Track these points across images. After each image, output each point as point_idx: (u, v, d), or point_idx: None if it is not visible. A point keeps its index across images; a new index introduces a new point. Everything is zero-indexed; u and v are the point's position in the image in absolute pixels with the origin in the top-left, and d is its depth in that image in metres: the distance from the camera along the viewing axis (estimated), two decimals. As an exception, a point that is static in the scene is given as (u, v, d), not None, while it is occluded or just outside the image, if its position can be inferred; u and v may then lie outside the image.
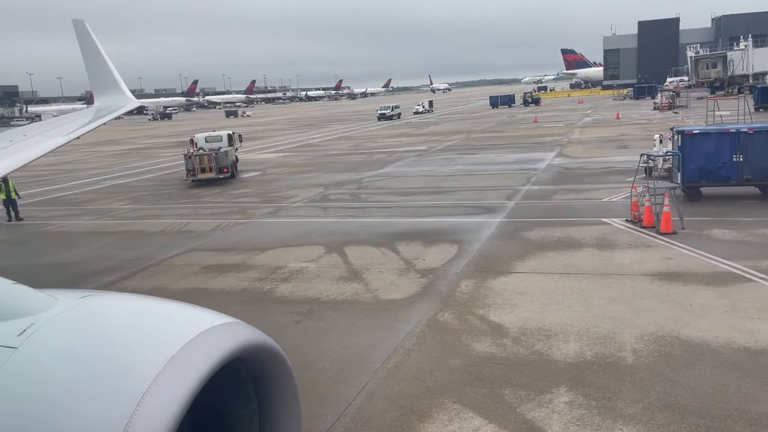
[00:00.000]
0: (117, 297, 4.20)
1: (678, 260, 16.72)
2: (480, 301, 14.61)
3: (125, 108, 19.28)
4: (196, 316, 3.73)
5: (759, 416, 9.04)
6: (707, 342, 11.61)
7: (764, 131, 22.77)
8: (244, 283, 17.18)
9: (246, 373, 3.87)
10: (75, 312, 3.66)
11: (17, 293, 3.84)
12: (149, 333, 3.47)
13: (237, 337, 3.52)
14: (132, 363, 3.16)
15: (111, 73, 19.74)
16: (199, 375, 3.15)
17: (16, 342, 3.34)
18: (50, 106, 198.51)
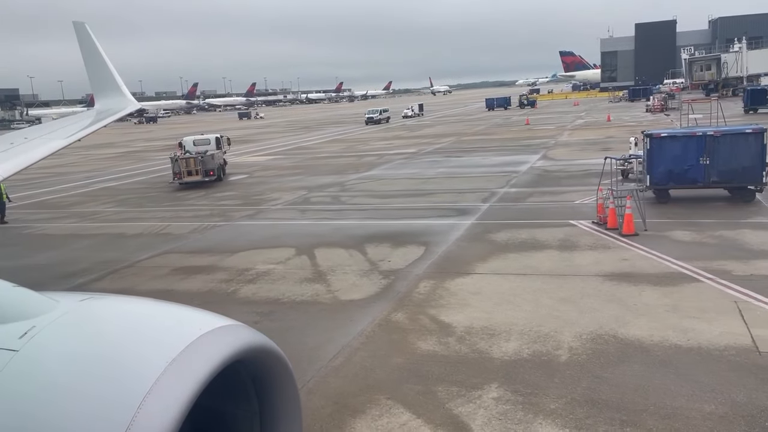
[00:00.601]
0: (118, 299, 4.23)
1: (633, 261, 17.09)
2: (434, 302, 14.99)
3: (126, 110, 19.49)
4: (197, 318, 3.75)
5: (674, 411, 9.41)
6: (641, 340, 11.99)
7: (730, 134, 23.14)
8: (210, 284, 17.58)
9: (246, 375, 3.89)
10: (76, 314, 3.68)
11: (18, 296, 3.85)
12: (150, 335, 3.49)
13: (238, 340, 3.54)
14: (133, 365, 3.18)
15: (112, 75, 19.91)
16: (200, 377, 3.16)
17: (17, 345, 3.34)
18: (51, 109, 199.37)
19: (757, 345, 11.40)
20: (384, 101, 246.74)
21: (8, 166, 12.08)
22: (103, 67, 19.79)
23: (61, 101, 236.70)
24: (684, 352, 11.37)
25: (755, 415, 9.13)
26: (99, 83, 19.76)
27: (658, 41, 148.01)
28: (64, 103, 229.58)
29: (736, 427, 8.89)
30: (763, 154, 22.63)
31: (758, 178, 22.70)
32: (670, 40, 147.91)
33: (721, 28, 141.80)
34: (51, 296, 3.83)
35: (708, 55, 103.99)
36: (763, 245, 17.70)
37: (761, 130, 22.77)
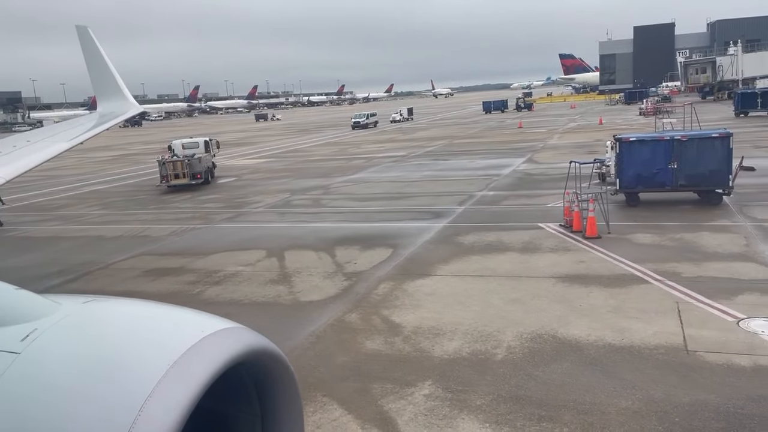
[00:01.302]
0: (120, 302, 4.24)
1: (589, 263, 17.48)
2: (389, 302, 15.40)
3: (128, 113, 19.69)
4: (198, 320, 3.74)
5: (591, 406, 9.81)
6: (578, 339, 12.39)
7: (697, 139, 23.51)
8: (177, 286, 18.01)
9: (248, 378, 3.90)
10: (78, 317, 3.69)
11: (20, 298, 3.86)
12: (152, 338, 3.50)
13: (239, 342, 3.55)
14: (135, 368, 3.19)
15: (114, 78, 20.10)
16: (202, 379, 3.17)
17: (19, 347, 3.36)
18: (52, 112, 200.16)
19: (687, 344, 11.79)
20: (386, 104, 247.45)
21: (11, 169, 12.19)
22: (105, 71, 20.01)
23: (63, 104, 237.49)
24: (615, 351, 11.76)
25: (668, 411, 9.52)
26: (101, 86, 19.98)
27: (657, 44, 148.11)
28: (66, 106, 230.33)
29: (646, 422, 9.28)
30: (729, 158, 23.00)
31: (724, 182, 23.06)
32: (669, 43, 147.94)
33: (719, 30, 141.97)
34: (53, 299, 3.85)
35: (703, 59, 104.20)
36: (718, 247, 18.08)
37: (727, 134, 23.13)
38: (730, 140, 22.96)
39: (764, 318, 12.73)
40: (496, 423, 9.54)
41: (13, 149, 13.48)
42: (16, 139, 14.57)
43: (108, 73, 20.00)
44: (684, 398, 9.86)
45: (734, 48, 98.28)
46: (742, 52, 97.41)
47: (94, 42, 19.98)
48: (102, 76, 19.96)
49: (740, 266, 16.23)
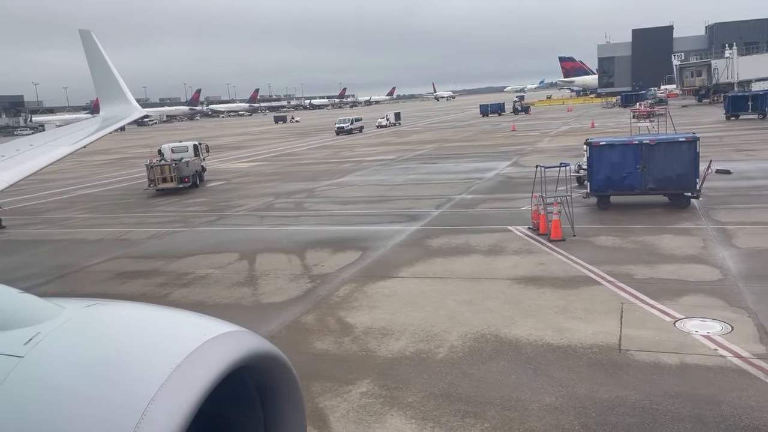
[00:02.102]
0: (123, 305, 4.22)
1: (548, 266, 17.87)
2: (347, 304, 15.81)
3: (131, 117, 19.84)
4: (201, 324, 3.74)
5: (516, 403, 10.22)
6: (519, 339, 12.79)
7: (665, 143, 23.90)
8: (146, 288, 18.45)
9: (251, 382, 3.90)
10: (81, 320, 3.68)
11: (23, 302, 3.87)
12: (155, 341, 3.50)
13: (242, 346, 3.55)
14: (137, 371, 3.19)
15: (117, 82, 20.26)
16: (205, 383, 3.17)
17: (22, 351, 3.36)
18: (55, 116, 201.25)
19: (621, 344, 12.18)
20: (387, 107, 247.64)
21: (14, 173, 12.28)
22: (108, 75, 20.19)
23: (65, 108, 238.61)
24: (552, 350, 12.16)
25: (587, 407, 9.92)
26: (104, 90, 20.17)
27: (655, 47, 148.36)
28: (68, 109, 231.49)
29: (564, 417, 9.68)
30: (696, 161, 23.36)
31: (692, 185, 23.43)
32: (667, 46, 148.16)
33: (718, 33, 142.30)
34: (56, 302, 3.85)
35: (698, 62, 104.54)
36: (675, 250, 18.45)
37: (694, 138, 23.50)
38: (697, 144, 23.32)
39: (701, 318, 13.10)
40: (423, 419, 9.93)
41: (16, 153, 13.56)
42: (19, 143, 14.64)
43: (111, 76, 20.18)
44: (605, 395, 10.25)
45: (729, 51, 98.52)
46: (737, 55, 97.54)
47: (97, 46, 20.18)
48: (105, 79, 20.15)
49: (691, 268, 16.61)
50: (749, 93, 68.95)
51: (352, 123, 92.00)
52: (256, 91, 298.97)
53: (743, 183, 28.47)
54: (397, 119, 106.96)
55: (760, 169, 32.01)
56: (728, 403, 9.70)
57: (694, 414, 9.46)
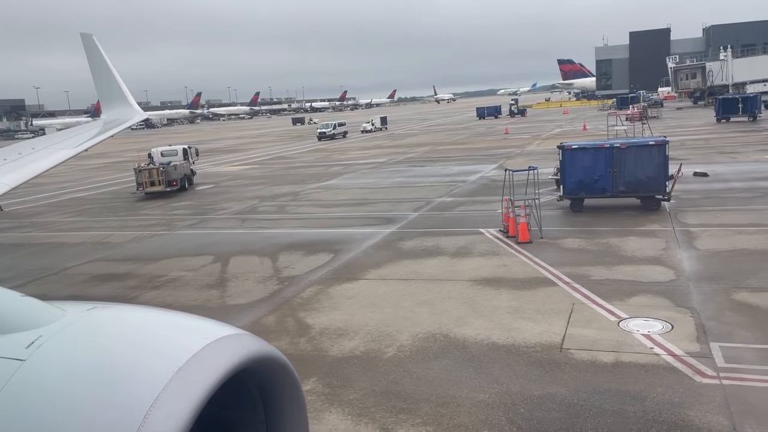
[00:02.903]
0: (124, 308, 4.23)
1: (510, 267, 18.23)
2: (309, 306, 16.19)
3: (133, 120, 20.00)
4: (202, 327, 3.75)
5: (450, 399, 10.58)
6: (466, 338, 13.16)
7: (635, 146, 24.25)
8: (118, 290, 18.83)
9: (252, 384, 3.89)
10: (82, 324, 3.68)
11: (25, 305, 3.86)
12: (156, 345, 3.50)
13: (243, 349, 3.55)
14: (139, 375, 3.20)
15: (119, 86, 20.39)
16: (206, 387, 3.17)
17: (24, 354, 3.36)
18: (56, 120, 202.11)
19: (564, 343, 12.54)
20: (388, 110, 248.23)
21: (16, 176, 12.37)
22: (110, 78, 20.35)
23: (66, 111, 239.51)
24: (496, 349, 12.53)
25: (517, 403, 10.29)
26: (106, 93, 20.34)
27: (653, 49, 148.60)
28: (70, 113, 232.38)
29: (493, 412, 10.05)
30: (665, 164, 23.72)
31: (661, 188, 23.78)
32: (664, 49, 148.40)
33: (715, 36, 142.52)
34: (58, 305, 3.85)
35: (693, 64, 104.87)
36: (636, 251, 18.80)
37: (663, 142, 23.86)
38: (666, 148, 23.68)
39: (644, 318, 13.46)
40: (359, 416, 10.31)
41: (18, 156, 13.65)
42: (21, 147, 14.75)
43: (112, 80, 20.33)
44: (537, 391, 10.61)
45: (724, 53, 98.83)
46: (732, 57, 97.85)
47: (98, 49, 20.32)
48: (106, 83, 20.31)
49: (647, 269, 16.96)
50: (739, 96, 69.19)
51: (334, 128, 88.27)
52: (256, 95, 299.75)
53: (717, 185, 28.81)
54: (383, 123, 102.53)
55: (737, 171, 32.35)
56: (652, 399, 10.05)
57: (617, 409, 9.82)
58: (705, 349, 11.76)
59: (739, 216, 22.41)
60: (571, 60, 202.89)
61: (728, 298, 14.31)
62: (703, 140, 49.30)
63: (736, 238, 19.27)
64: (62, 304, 3.90)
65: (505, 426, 9.64)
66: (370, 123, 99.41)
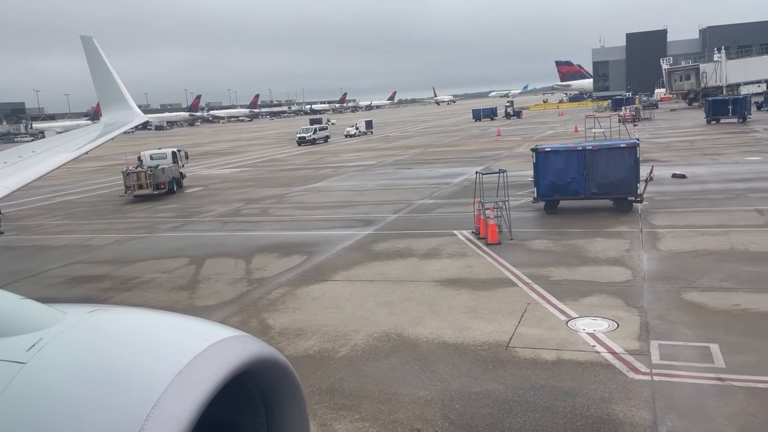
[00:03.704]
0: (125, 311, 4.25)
1: (475, 268, 18.57)
2: (273, 307, 16.54)
3: (133, 123, 20.09)
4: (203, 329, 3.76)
5: (392, 396, 10.93)
6: (419, 338, 13.50)
7: (606, 149, 24.60)
8: (91, 292, 19.20)
9: (254, 387, 3.90)
10: (83, 326, 3.68)
11: (26, 308, 3.86)
12: (157, 347, 3.51)
13: (244, 351, 3.55)
14: (140, 377, 3.20)
15: (119, 88, 20.48)
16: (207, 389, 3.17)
17: (25, 357, 3.36)
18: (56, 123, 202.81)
19: (511, 341, 12.89)
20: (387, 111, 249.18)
21: (16, 180, 12.43)
22: (110, 81, 20.47)
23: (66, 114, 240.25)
24: (444, 348, 12.87)
25: (454, 399, 10.64)
26: (106, 96, 20.43)
27: (649, 51, 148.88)
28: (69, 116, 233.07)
29: (430, 408, 10.40)
30: (636, 167, 24.06)
31: (632, 190, 24.12)
32: (661, 50, 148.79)
33: (711, 37, 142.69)
34: (58, 308, 3.85)
35: (686, 65, 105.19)
36: (600, 253, 19.14)
37: (634, 144, 24.19)
38: (637, 150, 24.02)
39: (593, 317, 13.80)
40: (301, 411, 10.63)
41: (18, 160, 13.72)
42: (21, 150, 14.85)
43: (112, 82, 20.44)
44: (476, 388, 10.96)
45: (718, 54, 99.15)
46: (726, 58, 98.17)
47: (99, 52, 20.46)
48: (107, 86, 20.41)
49: (607, 270, 17.30)
50: (729, 97, 69.53)
51: (315, 132, 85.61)
52: (256, 97, 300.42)
53: (693, 187, 29.13)
54: (368, 128, 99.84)
55: (716, 173, 32.66)
56: (584, 395, 10.40)
57: (548, 405, 10.17)
58: (644, 346, 12.09)
59: (707, 217, 22.73)
60: (570, 61, 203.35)
61: (677, 298, 14.64)
62: (689, 142, 49.63)
63: (698, 239, 19.59)
64: (63, 306, 3.93)
65: (438, 421, 9.98)
66: (354, 127, 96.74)
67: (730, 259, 17.33)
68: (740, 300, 14.12)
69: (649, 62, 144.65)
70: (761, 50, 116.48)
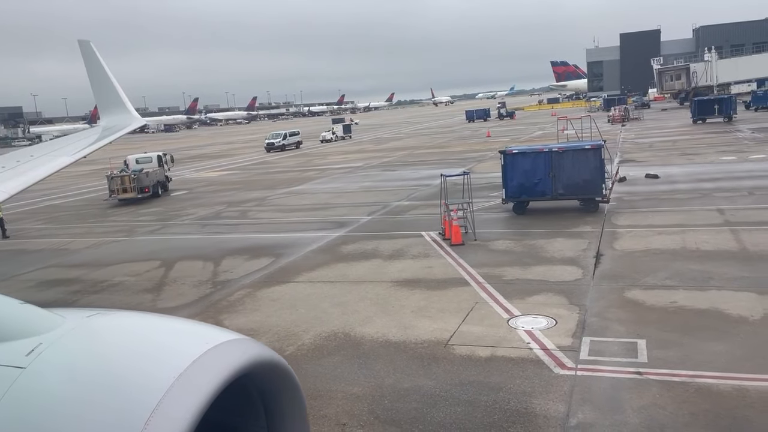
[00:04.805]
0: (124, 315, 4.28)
1: (434, 268, 18.97)
2: (232, 308, 16.94)
3: (131, 126, 20.23)
4: (203, 333, 3.77)
5: (325, 392, 11.32)
6: (364, 336, 13.90)
7: (572, 150, 25.02)
8: (60, 295, 19.60)
9: (254, 389, 3.90)
10: (82, 330, 3.68)
11: (25, 313, 3.85)
12: (157, 351, 3.50)
13: (244, 354, 3.57)
14: (140, 381, 3.19)
15: (116, 92, 20.64)
16: (207, 392, 3.16)
17: (24, 362, 3.34)
18: (53, 126, 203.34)
19: (451, 339, 13.28)
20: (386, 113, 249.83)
21: (15, 184, 12.55)
22: (108, 84, 20.61)
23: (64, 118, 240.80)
24: (387, 346, 13.27)
25: (384, 395, 11.03)
26: (104, 100, 20.58)
27: (643, 50, 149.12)
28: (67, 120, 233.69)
29: (358, 404, 10.80)
30: (601, 168, 24.47)
31: (598, 191, 24.52)
32: (655, 50, 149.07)
33: (704, 36, 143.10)
34: (58, 312, 3.85)
35: (677, 65, 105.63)
36: (557, 252, 19.54)
37: (599, 146, 24.60)
38: (602, 151, 24.41)
39: (534, 315, 14.20)
40: (237, 407, 11.04)
41: (16, 164, 13.83)
42: (19, 154, 14.97)
43: (110, 86, 20.59)
44: (407, 384, 11.36)
45: (708, 54, 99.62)
46: (716, 58, 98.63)
47: (96, 56, 20.65)
48: (105, 89, 20.56)
49: (559, 269, 17.69)
50: (714, 97, 69.98)
51: (285, 138, 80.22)
52: (253, 99, 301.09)
53: (663, 187, 29.53)
54: (346, 132, 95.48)
55: (688, 173, 33.07)
56: (507, 389, 10.80)
57: (471, 399, 10.57)
58: (576, 343, 12.49)
59: (668, 217, 23.12)
60: (566, 62, 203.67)
61: (619, 296, 15.03)
62: (671, 142, 50.03)
63: (654, 239, 19.99)
64: (62, 311, 3.95)
65: (364, 416, 10.38)
66: (331, 132, 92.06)
67: (679, 258, 17.72)
68: (678, 297, 14.50)
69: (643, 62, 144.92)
70: (754, 49, 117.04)
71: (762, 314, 13.12)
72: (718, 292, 14.72)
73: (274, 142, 79.06)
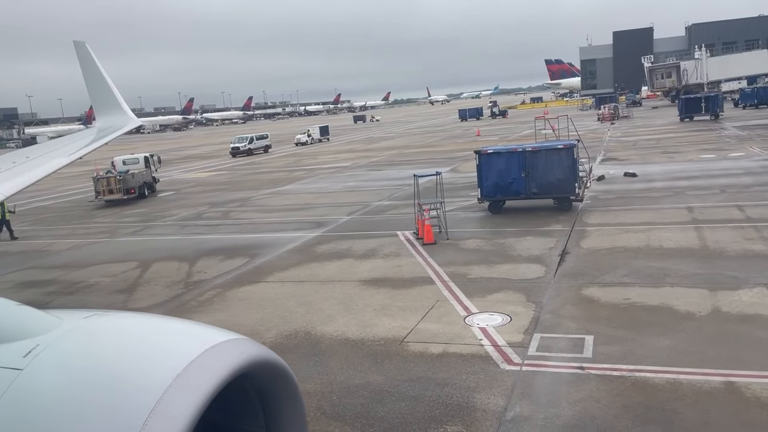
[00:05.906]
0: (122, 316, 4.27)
1: (403, 267, 19.25)
2: (201, 308, 17.22)
3: (127, 127, 20.26)
4: (201, 333, 3.79)
5: (278, 390, 11.60)
6: (323, 335, 14.18)
7: (545, 150, 25.33)
8: (36, 296, 19.81)
9: (252, 390, 3.92)
10: (80, 332, 3.67)
11: (22, 314, 3.85)
12: (154, 351, 3.50)
13: (243, 354, 3.59)
14: (138, 382, 3.18)
15: (112, 93, 20.72)
16: (205, 392, 3.16)
17: (22, 363, 3.34)
18: (48, 128, 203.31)
19: (407, 337, 13.57)
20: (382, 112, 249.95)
21: (11, 185, 12.53)
22: (103, 85, 20.70)
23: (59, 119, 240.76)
24: (345, 344, 13.55)
25: (333, 392, 11.32)
26: (100, 101, 20.66)
27: (636, 48, 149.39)
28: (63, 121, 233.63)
29: (308, 401, 11.00)
30: (574, 167, 24.77)
31: (571, 190, 24.83)
32: (647, 47, 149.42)
33: (697, 34, 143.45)
34: (55, 314, 3.85)
35: (667, 63, 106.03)
36: (524, 251, 19.84)
37: (571, 145, 24.90)
38: (574, 151, 24.72)
39: (490, 312, 14.49)
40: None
41: (12, 165, 13.82)
42: (15, 155, 15.02)
43: (106, 87, 20.67)
44: (357, 380, 11.64)
45: (699, 52, 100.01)
46: (707, 56, 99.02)
47: (91, 57, 20.74)
48: (100, 90, 20.64)
49: (524, 267, 17.99)
50: (702, 95, 70.36)
51: (251, 142, 74.82)
52: (249, 99, 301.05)
53: (639, 185, 29.85)
54: (323, 134, 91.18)
55: (666, 171, 33.40)
56: (452, 385, 11.09)
57: (416, 395, 10.86)
58: (527, 339, 12.78)
59: (639, 215, 23.43)
60: (561, 60, 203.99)
61: (577, 293, 15.33)
62: (656, 140, 50.38)
63: (620, 237, 20.29)
64: (59, 312, 3.96)
65: (311, 411, 10.66)
66: (306, 134, 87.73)
67: (641, 255, 18.02)
68: (632, 294, 14.80)
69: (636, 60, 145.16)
70: (746, 46, 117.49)
71: (709, 310, 13.43)
72: (671, 288, 15.02)
73: (239, 146, 73.64)
